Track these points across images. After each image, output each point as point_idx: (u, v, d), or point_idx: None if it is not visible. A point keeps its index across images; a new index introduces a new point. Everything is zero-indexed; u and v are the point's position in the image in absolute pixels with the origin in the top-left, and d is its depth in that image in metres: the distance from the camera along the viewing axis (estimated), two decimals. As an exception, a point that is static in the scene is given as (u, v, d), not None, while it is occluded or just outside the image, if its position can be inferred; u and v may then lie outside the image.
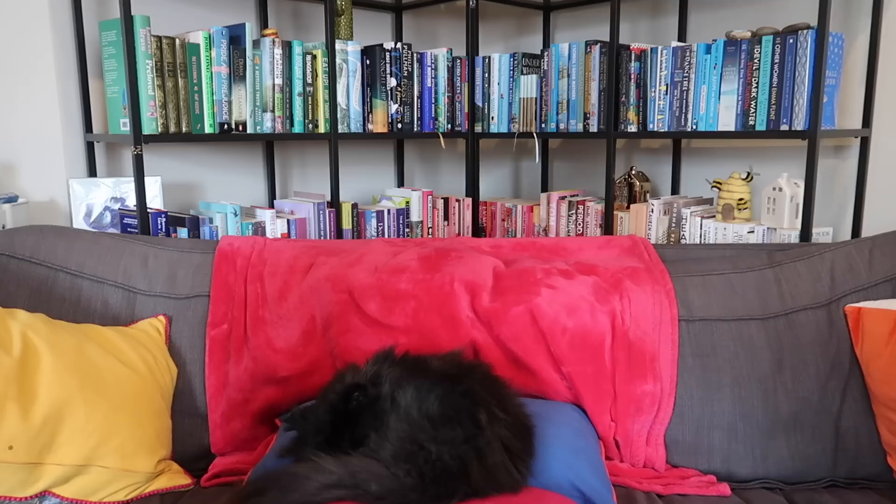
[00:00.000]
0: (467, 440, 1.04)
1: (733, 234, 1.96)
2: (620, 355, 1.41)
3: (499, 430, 1.07)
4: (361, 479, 1.00)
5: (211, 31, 1.87)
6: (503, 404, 1.12)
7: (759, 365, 1.40)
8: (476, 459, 1.03)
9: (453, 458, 1.02)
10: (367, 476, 1.00)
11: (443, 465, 1.01)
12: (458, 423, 1.05)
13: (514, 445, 1.09)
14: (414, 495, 1.00)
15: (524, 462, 1.11)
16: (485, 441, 1.04)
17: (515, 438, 1.10)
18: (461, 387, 1.11)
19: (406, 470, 1.01)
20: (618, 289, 1.46)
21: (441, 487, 1.01)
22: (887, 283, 1.43)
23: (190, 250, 1.57)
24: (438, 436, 1.03)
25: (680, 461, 1.40)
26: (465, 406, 1.07)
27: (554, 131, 2.33)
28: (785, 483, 1.37)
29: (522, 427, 1.15)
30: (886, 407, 1.33)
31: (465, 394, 1.09)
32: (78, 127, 1.93)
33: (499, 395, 1.14)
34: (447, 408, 1.07)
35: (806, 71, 1.76)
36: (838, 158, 2.05)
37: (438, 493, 1.01)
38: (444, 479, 1.01)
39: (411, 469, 1.01)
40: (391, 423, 1.06)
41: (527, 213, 2.54)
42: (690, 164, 2.38)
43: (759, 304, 1.44)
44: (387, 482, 1.00)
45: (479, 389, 1.12)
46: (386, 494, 0.99)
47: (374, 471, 1.01)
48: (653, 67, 2.08)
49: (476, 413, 1.06)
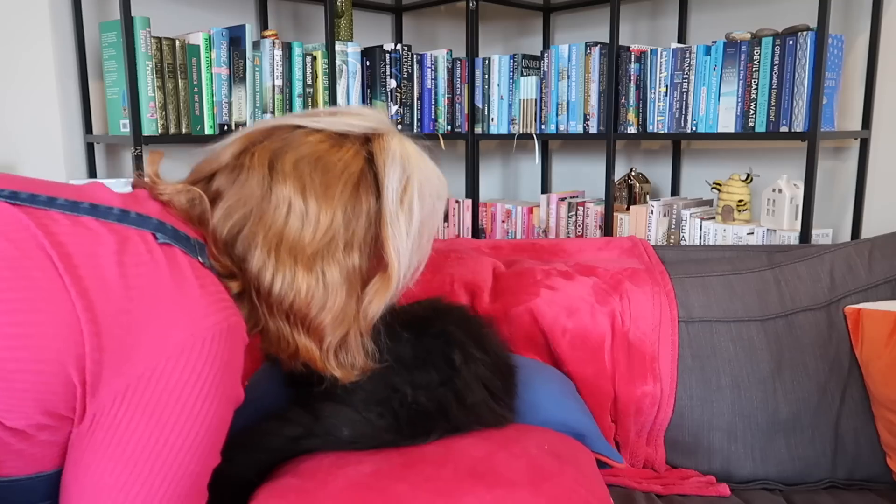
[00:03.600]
0: (444, 383, 0.97)
1: (733, 235, 1.96)
2: (620, 356, 1.41)
3: (476, 370, 1.01)
4: (331, 426, 0.93)
5: (211, 33, 1.88)
6: (481, 344, 1.05)
7: (759, 366, 1.40)
8: (455, 401, 0.97)
9: (430, 401, 0.96)
10: (338, 422, 0.94)
11: (419, 406, 0.95)
12: (433, 367, 0.98)
13: (494, 384, 1.03)
14: (389, 436, 0.94)
15: (506, 401, 1.05)
16: (462, 382, 0.98)
17: (495, 377, 1.04)
18: (434, 329, 1.04)
19: (379, 413, 0.94)
20: (617, 290, 1.46)
21: (418, 427, 0.95)
22: (887, 285, 1.43)
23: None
24: (413, 379, 0.97)
25: (679, 462, 1.40)
26: (439, 348, 1.01)
27: (554, 132, 2.33)
28: (784, 484, 1.37)
29: (503, 366, 1.09)
30: (886, 408, 1.33)
31: (439, 335, 1.03)
32: (78, 128, 1.93)
33: (476, 336, 1.07)
34: (420, 351, 1.00)
35: (805, 72, 1.76)
36: (838, 160, 2.05)
37: (415, 433, 0.95)
38: (420, 419, 0.95)
39: (384, 412, 0.94)
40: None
41: (526, 214, 2.54)
42: (690, 165, 2.38)
43: (758, 305, 1.44)
44: (359, 426, 0.94)
45: (454, 330, 1.04)
46: (359, 438, 0.93)
47: (345, 416, 0.94)
48: (652, 69, 2.08)
49: (450, 354, 1.00)
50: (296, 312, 0.80)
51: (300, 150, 0.82)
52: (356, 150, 0.84)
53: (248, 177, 0.80)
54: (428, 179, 0.89)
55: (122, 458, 0.65)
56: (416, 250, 0.86)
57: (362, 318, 0.85)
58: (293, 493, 0.83)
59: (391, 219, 0.83)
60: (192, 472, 0.69)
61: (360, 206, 0.82)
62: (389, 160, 0.84)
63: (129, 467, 0.65)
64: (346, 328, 0.83)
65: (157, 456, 0.66)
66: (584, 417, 1.18)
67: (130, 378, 0.65)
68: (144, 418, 0.65)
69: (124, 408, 0.65)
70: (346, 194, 0.81)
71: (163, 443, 0.66)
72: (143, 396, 0.65)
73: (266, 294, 0.79)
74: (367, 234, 0.82)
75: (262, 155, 0.81)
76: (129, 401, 0.65)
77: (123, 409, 0.65)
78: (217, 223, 0.78)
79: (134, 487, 0.66)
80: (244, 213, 0.78)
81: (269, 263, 0.78)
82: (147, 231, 0.72)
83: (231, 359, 0.71)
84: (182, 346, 0.67)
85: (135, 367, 0.65)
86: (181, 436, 0.67)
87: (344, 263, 0.81)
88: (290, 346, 0.82)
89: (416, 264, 0.88)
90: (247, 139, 0.84)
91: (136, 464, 0.65)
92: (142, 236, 0.71)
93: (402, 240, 0.84)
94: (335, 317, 0.81)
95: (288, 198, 0.78)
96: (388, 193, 0.83)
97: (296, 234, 0.78)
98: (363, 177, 0.83)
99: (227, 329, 0.70)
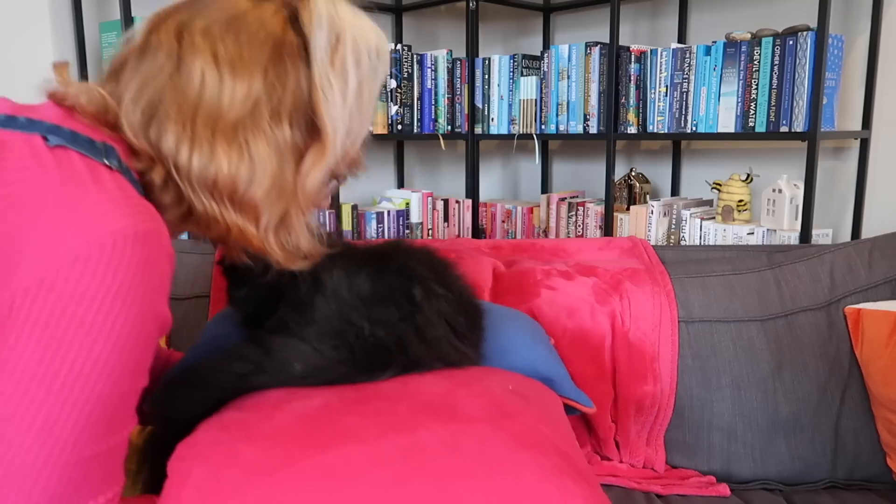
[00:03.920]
0: (404, 318, 0.90)
1: (733, 235, 1.96)
2: (620, 356, 1.41)
3: (439, 305, 0.94)
4: (283, 361, 0.87)
5: (211, 33, 1.88)
6: (445, 282, 0.98)
7: (759, 366, 1.40)
8: (415, 336, 0.90)
9: (389, 336, 0.89)
10: (289, 356, 0.87)
11: (376, 340, 0.88)
12: (393, 302, 0.91)
13: (457, 321, 0.96)
14: (343, 368, 0.87)
15: (470, 339, 0.99)
16: (423, 318, 0.91)
17: (458, 314, 0.97)
18: (395, 264, 0.97)
19: (333, 345, 0.87)
20: (618, 290, 1.46)
21: (375, 361, 0.89)
22: (887, 285, 1.43)
23: (190, 251, 1.58)
24: (371, 314, 0.89)
25: (679, 462, 1.40)
26: (400, 283, 0.94)
27: (554, 133, 2.33)
28: (784, 484, 1.37)
29: (468, 305, 1.02)
30: (886, 408, 1.33)
31: (399, 271, 0.96)
32: (78, 128, 1.93)
33: (440, 273, 1.00)
34: (380, 286, 0.93)
35: (806, 72, 1.76)
36: (838, 160, 2.05)
37: (371, 367, 0.88)
38: (377, 353, 0.89)
39: (339, 344, 0.87)
40: (317, 304, 0.91)
41: (526, 214, 2.54)
42: (690, 165, 2.38)
43: (758, 305, 1.45)
44: (311, 358, 0.87)
45: (417, 266, 0.97)
46: (311, 373, 0.87)
47: (297, 349, 0.88)
48: (652, 69, 2.08)
49: (411, 289, 0.93)
50: (221, 189, 0.73)
51: (210, 16, 0.74)
52: (276, 9, 0.76)
53: (155, 55, 0.73)
54: (363, 36, 0.79)
55: (12, 380, 0.59)
56: (355, 115, 0.79)
57: (301, 194, 0.77)
58: (235, 425, 0.78)
59: (322, 82, 0.75)
60: (104, 396, 0.62)
61: (284, 69, 0.74)
62: (315, 17, 0.75)
63: (21, 390, 0.59)
64: (284, 205, 0.76)
65: (55, 377, 0.60)
66: (553, 362, 1.12)
67: (16, 292, 0.59)
68: (35, 335, 0.59)
69: (10, 325, 0.59)
70: (264, 56, 0.73)
71: (59, 362, 0.60)
72: (32, 311, 0.59)
73: (186, 172, 0.72)
74: (297, 101, 0.75)
75: (168, 28, 0.74)
76: (17, 317, 0.59)
77: (10, 327, 0.59)
78: (127, 110, 0.72)
79: (29, 412, 0.60)
80: (154, 93, 0.72)
81: (184, 138, 0.71)
82: (36, 134, 0.66)
83: (145, 269, 0.63)
84: (76, 255, 0.60)
85: (20, 281, 0.59)
86: (81, 354, 0.61)
87: (272, 135, 0.74)
88: (221, 225, 0.75)
89: (357, 131, 0.81)
90: (155, 16, 0.77)
91: (29, 387, 0.59)
92: (28, 140, 0.66)
93: (336, 105, 0.76)
94: (267, 192, 0.74)
95: (200, 68, 0.71)
96: (316, 54, 0.75)
97: (212, 104, 0.71)
98: (286, 37, 0.75)
99: (137, 235, 0.63)
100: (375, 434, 0.75)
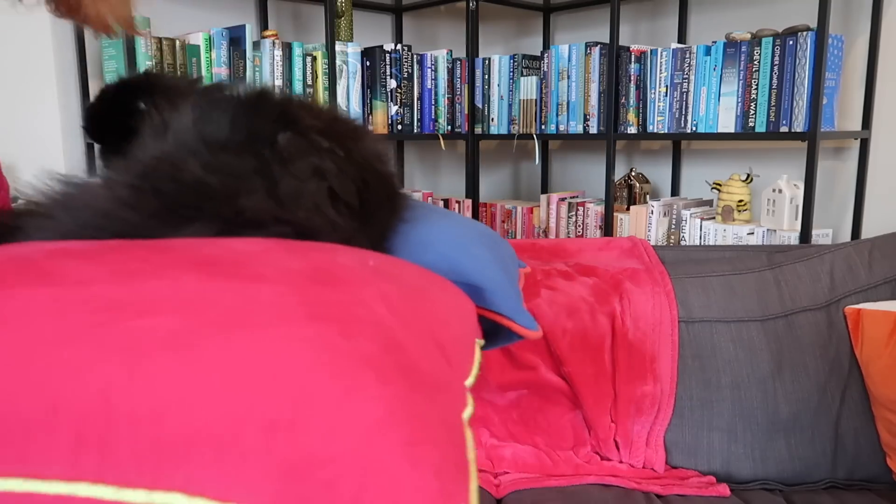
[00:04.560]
0: (259, 171, 0.67)
1: (733, 235, 1.96)
2: (620, 356, 1.41)
3: (314, 160, 0.71)
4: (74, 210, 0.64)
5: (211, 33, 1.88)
6: (339, 139, 0.75)
7: (759, 366, 1.40)
8: (263, 189, 0.66)
9: (222, 186, 0.65)
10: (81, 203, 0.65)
11: (198, 187, 0.65)
12: (252, 153, 0.68)
13: (343, 185, 0.72)
14: (135, 217, 0.63)
15: (357, 213, 0.73)
16: (281, 170, 0.68)
17: (346, 178, 0.73)
18: (273, 110, 0.75)
19: (134, 188, 0.64)
20: (617, 290, 1.46)
21: (180, 212, 0.64)
22: (887, 285, 1.43)
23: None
24: (213, 162, 0.66)
25: (679, 462, 1.40)
26: (269, 130, 0.71)
27: (554, 133, 2.33)
28: (784, 484, 1.37)
29: (370, 174, 0.77)
30: (886, 408, 1.33)
31: (277, 118, 0.73)
32: (78, 128, 1.93)
33: (338, 131, 0.77)
34: (239, 132, 0.70)
35: (805, 72, 1.76)
36: (838, 160, 2.05)
37: (175, 218, 0.63)
38: (189, 201, 0.64)
39: (143, 185, 0.64)
40: (147, 143, 0.70)
41: (526, 214, 2.54)
42: (690, 165, 2.38)
43: (758, 305, 1.45)
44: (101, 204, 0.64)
45: (302, 115, 0.75)
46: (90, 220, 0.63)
47: (89, 193, 0.65)
48: (653, 69, 2.08)
49: (277, 135, 0.71)
50: None
51: None
52: None
53: None
54: None
55: None
56: None
57: None
58: None
59: None
60: None
61: None
62: None
63: None
64: None
65: None
66: (492, 272, 0.85)
67: None
68: None
69: None
70: None
71: None
72: None
73: None
74: None
75: None
76: None
77: None
78: None
79: None
80: None
81: None
82: None
83: None
84: None
85: None
86: None
87: None
88: None
89: None
90: None
91: None
92: None
93: None
94: None
95: None
96: None
97: None
98: None
99: None
100: (105, 284, 0.49)
